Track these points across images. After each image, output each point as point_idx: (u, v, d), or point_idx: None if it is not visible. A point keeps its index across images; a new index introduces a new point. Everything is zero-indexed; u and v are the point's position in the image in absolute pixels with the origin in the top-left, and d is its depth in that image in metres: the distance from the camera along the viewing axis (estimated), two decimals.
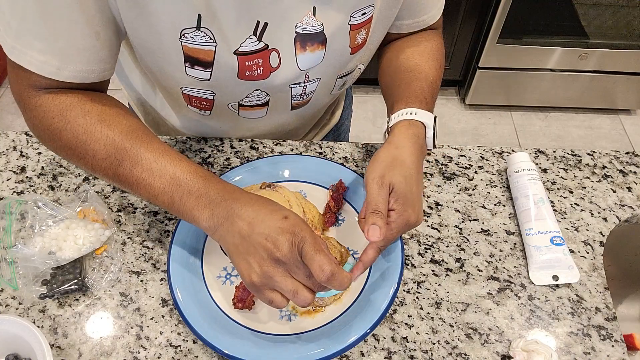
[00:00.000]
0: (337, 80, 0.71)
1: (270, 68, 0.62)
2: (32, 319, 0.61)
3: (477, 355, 0.59)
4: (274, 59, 0.61)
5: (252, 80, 0.63)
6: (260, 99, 0.68)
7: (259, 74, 0.62)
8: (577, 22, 1.87)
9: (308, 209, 0.66)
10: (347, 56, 0.66)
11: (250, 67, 0.61)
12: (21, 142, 0.81)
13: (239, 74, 0.61)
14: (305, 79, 0.66)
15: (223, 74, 0.61)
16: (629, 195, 0.74)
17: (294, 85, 0.67)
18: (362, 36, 0.64)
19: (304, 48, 0.61)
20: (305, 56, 0.62)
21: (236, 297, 0.60)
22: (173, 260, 0.62)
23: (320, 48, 0.62)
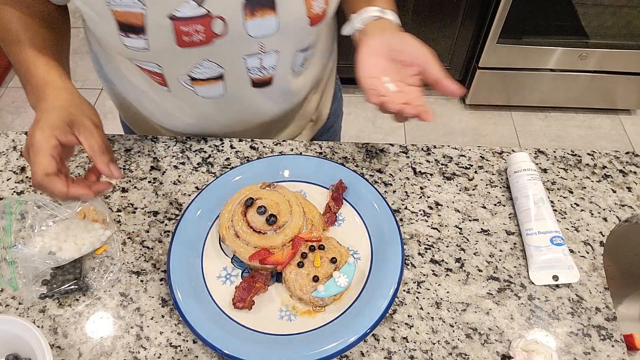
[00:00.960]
0: (298, 55, 0.70)
1: (214, 34, 0.60)
2: (32, 319, 0.61)
3: (477, 355, 0.59)
4: (217, 26, 0.59)
5: (194, 47, 0.61)
6: (212, 71, 0.66)
7: (201, 40, 0.60)
8: (577, 22, 1.87)
9: (308, 209, 0.66)
10: (305, 27, 0.64)
11: (188, 32, 0.59)
12: (21, 142, 0.81)
13: (178, 41, 0.60)
14: (260, 50, 0.64)
15: (161, 42, 0.60)
16: (629, 195, 0.74)
17: (248, 57, 0.65)
18: (320, 4, 0.62)
19: (252, 13, 0.59)
20: (254, 22, 0.60)
21: (236, 297, 0.60)
22: (173, 260, 0.62)
23: (270, 13, 0.60)
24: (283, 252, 0.61)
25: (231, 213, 0.64)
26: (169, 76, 0.68)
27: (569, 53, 1.93)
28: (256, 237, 0.61)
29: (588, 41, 1.90)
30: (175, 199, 0.73)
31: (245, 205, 0.63)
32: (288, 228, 0.62)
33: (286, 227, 0.62)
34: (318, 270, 0.60)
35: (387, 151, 0.79)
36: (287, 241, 0.61)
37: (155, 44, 0.60)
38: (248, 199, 0.63)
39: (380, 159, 0.78)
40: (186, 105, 0.75)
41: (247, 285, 0.61)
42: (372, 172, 0.76)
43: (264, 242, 0.61)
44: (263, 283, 0.61)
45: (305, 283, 0.60)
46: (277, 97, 0.77)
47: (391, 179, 0.75)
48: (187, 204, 0.71)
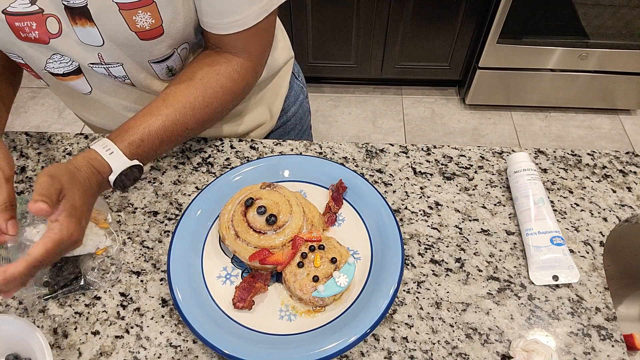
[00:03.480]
0: (154, 66, 0.69)
1: (49, 34, 0.61)
2: (32, 319, 0.61)
3: (477, 355, 0.59)
4: (52, 25, 0.60)
5: (32, 42, 0.62)
6: (67, 65, 0.66)
7: (36, 37, 0.61)
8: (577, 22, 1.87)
9: (308, 209, 0.66)
10: (136, 41, 0.62)
11: (22, 28, 0.60)
12: (21, 142, 0.81)
13: (17, 35, 0.61)
14: (101, 60, 0.64)
15: (2, 34, 0.61)
16: (629, 195, 0.74)
17: (93, 65, 0.65)
18: (146, 20, 0.60)
19: (75, 21, 0.60)
20: (80, 30, 0.60)
21: (236, 297, 0.60)
22: (173, 260, 0.62)
23: (90, 24, 0.60)
24: (283, 252, 0.61)
25: (231, 213, 0.64)
26: (34, 68, 0.68)
27: (569, 53, 1.93)
28: (256, 237, 0.61)
29: (588, 41, 1.90)
30: (175, 199, 0.73)
31: (245, 205, 0.63)
32: (288, 228, 0.62)
33: (286, 227, 0.62)
34: (318, 270, 0.60)
35: (387, 151, 0.79)
36: (287, 241, 0.61)
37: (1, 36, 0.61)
38: (248, 199, 0.63)
39: (380, 159, 0.78)
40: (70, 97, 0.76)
41: (247, 285, 0.61)
42: (372, 172, 0.76)
43: (264, 242, 0.61)
44: (263, 283, 0.61)
45: (305, 283, 0.60)
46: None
47: (391, 179, 0.75)
48: (187, 204, 0.71)
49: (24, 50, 0.64)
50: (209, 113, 0.67)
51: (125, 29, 0.61)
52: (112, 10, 0.59)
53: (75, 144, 0.80)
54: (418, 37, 1.98)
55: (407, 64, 2.11)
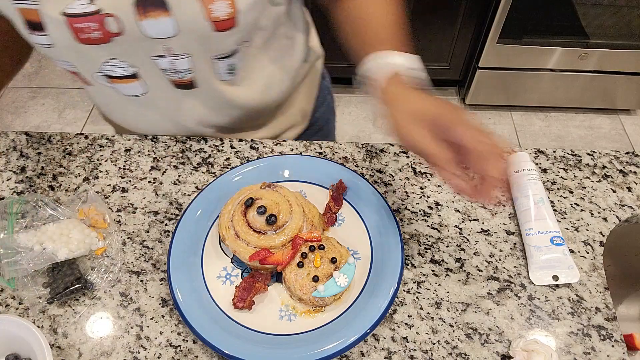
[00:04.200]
0: (217, 63, 0.68)
1: (110, 33, 0.60)
2: (32, 319, 0.61)
3: (477, 355, 0.59)
4: (111, 24, 0.60)
5: (94, 44, 0.61)
6: (124, 69, 0.66)
7: (98, 38, 0.61)
8: (577, 22, 1.86)
9: (308, 209, 0.66)
10: (209, 32, 0.61)
11: (82, 29, 0.59)
12: (21, 142, 0.81)
13: (76, 37, 0.60)
14: (168, 52, 0.64)
15: (61, 38, 0.60)
16: (629, 195, 0.74)
17: (157, 58, 0.65)
18: (222, 9, 0.60)
19: (144, 14, 0.59)
20: (149, 22, 0.60)
21: (236, 297, 0.60)
22: (173, 260, 0.62)
23: (164, 14, 0.59)
24: (283, 252, 0.61)
25: (231, 213, 0.64)
26: (85, 74, 0.68)
27: (569, 53, 1.93)
28: (256, 237, 0.61)
29: (588, 41, 1.90)
30: (175, 199, 0.73)
31: (245, 205, 0.63)
32: (288, 228, 0.62)
33: (286, 227, 0.62)
34: (318, 270, 0.60)
35: (387, 151, 0.79)
36: (287, 241, 0.61)
37: (57, 40, 0.61)
38: (248, 199, 0.63)
39: (380, 159, 0.78)
40: (113, 103, 0.75)
41: (247, 285, 0.61)
42: (372, 172, 0.76)
43: (264, 242, 0.61)
44: (263, 283, 0.61)
45: (305, 283, 0.60)
46: (210, 103, 0.75)
47: (391, 179, 0.75)
48: (187, 204, 0.71)
49: (80, 53, 0.63)
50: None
51: (201, 19, 0.60)
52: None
53: (76, 144, 0.80)
54: (418, 37, 1.98)
55: None
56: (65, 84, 2.36)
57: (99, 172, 0.76)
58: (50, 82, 2.37)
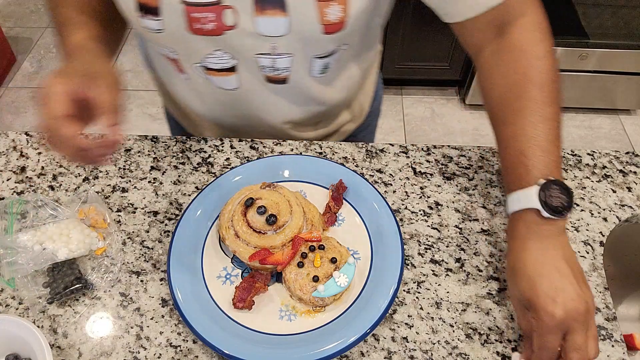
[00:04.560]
0: (314, 61, 0.69)
1: (224, 26, 0.61)
2: (32, 319, 0.61)
3: (477, 355, 0.59)
4: (228, 17, 0.60)
5: (204, 35, 0.62)
6: (225, 62, 0.67)
7: (211, 29, 0.61)
8: (577, 22, 1.87)
9: (308, 209, 0.66)
10: (318, 34, 0.62)
11: (199, 19, 0.60)
12: (21, 142, 0.81)
13: (189, 27, 0.61)
14: (272, 50, 0.65)
15: (173, 25, 0.61)
16: (629, 195, 0.74)
17: (260, 56, 0.65)
18: (335, 12, 0.60)
19: (262, 11, 0.59)
20: (264, 20, 0.60)
21: (236, 297, 0.60)
22: (173, 260, 0.62)
23: (281, 14, 0.60)
24: (283, 252, 0.61)
25: (231, 213, 0.64)
26: (184, 63, 0.69)
27: (569, 53, 1.93)
28: (256, 237, 0.61)
29: (588, 41, 1.90)
30: (175, 199, 0.73)
31: (245, 205, 0.63)
32: (288, 228, 0.62)
33: (286, 227, 0.62)
34: (318, 270, 0.60)
35: (387, 151, 0.79)
36: (287, 241, 0.61)
37: (168, 27, 0.61)
38: (248, 199, 0.63)
39: (380, 159, 0.78)
40: (204, 94, 0.76)
41: (247, 285, 0.61)
42: (372, 172, 0.76)
43: (264, 242, 0.61)
44: (263, 283, 0.61)
45: (305, 283, 0.60)
46: (295, 98, 0.76)
47: (391, 179, 0.75)
48: (187, 204, 0.71)
49: (187, 42, 0.64)
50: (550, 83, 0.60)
51: (314, 21, 0.60)
52: (309, 1, 0.59)
53: None
54: (418, 37, 1.98)
55: (407, 64, 2.11)
56: None
57: (99, 172, 0.76)
58: None
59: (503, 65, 0.61)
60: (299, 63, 0.68)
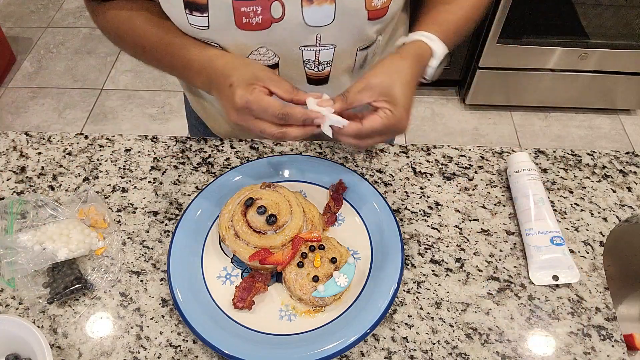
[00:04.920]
0: (358, 54, 0.69)
1: (272, 18, 0.61)
2: (32, 319, 0.61)
3: (477, 355, 0.59)
4: (276, 9, 0.60)
5: (251, 30, 0.62)
6: (268, 59, 0.67)
7: (258, 23, 0.61)
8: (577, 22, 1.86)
9: (308, 209, 0.66)
10: (363, 20, 0.63)
11: (247, 13, 0.60)
12: (21, 142, 0.81)
13: (236, 21, 0.61)
14: (317, 42, 0.65)
15: (221, 21, 0.61)
16: (629, 195, 0.74)
17: (305, 48, 0.65)
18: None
19: (310, 0, 0.60)
20: (311, 10, 0.60)
21: (236, 297, 0.60)
22: (173, 260, 0.62)
23: (329, 2, 0.60)
24: (283, 252, 0.61)
25: (231, 213, 0.64)
26: None
27: (569, 53, 1.93)
28: (256, 237, 0.61)
29: (588, 41, 1.90)
30: (175, 199, 0.73)
31: (245, 205, 0.63)
32: (288, 228, 0.62)
33: (286, 227, 0.62)
34: (318, 270, 0.60)
35: (387, 151, 0.79)
36: (287, 241, 0.61)
37: (215, 23, 0.61)
38: (248, 199, 0.63)
39: (380, 159, 0.78)
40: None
41: (247, 285, 0.61)
42: (372, 172, 0.76)
43: (264, 242, 0.61)
44: (263, 283, 0.61)
45: (305, 283, 0.60)
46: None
47: (391, 179, 0.75)
48: (187, 204, 0.71)
49: (233, 38, 0.64)
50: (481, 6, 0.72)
51: (362, 6, 0.61)
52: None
53: (76, 143, 0.80)
54: None
55: None
56: (65, 84, 2.36)
57: (99, 172, 0.76)
58: (50, 82, 2.37)
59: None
60: (341, 56, 0.68)
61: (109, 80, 2.38)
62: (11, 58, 2.43)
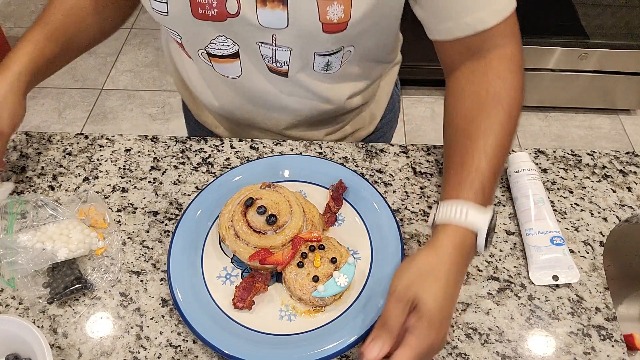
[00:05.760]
0: (317, 58, 0.68)
1: (227, 13, 0.62)
2: (32, 319, 0.61)
3: (477, 355, 0.59)
4: (231, 5, 0.61)
5: (207, 20, 0.63)
6: (228, 48, 0.67)
7: (214, 15, 0.62)
8: (577, 22, 1.86)
9: (308, 209, 0.66)
10: (318, 32, 0.62)
11: (202, 4, 0.61)
12: (21, 142, 0.81)
13: (193, 11, 0.62)
14: (273, 41, 0.65)
15: (178, 9, 0.62)
16: (629, 195, 0.74)
17: (262, 44, 0.66)
18: (337, 13, 0.60)
19: (264, 2, 0.60)
20: (265, 12, 0.61)
21: (236, 297, 0.60)
22: (173, 260, 0.62)
23: (281, 7, 0.60)
24: (283, 252, 0.61)
25: (231, 213, 0.64)
26: (188, 48, 0.70)
27: (569, 53, 1.93)
28: (256, 237, 0.61)
29: (588, 41, 1.90)
30: (175, 199, 0.73)
31: (245, 206, 0.63)
32: (288, 228, 0.62)
33: (286, 227, 0.62)
34: (318, 270, 0.60)
35: (387, 151, 0.79)
36: (287, 241, 0.61)
37: (173, 10, 0.63)
38: (248, 199, 0.63)
39: (380, 159, 0.78)
40: (210, 82, 0.77)
41: (247, 285, 0.61)
42: (372, 172, 0.76)
43: (264, 242, 0.61)
44: (263, 283, 0.61)
45: (305, 283, 0.60)
46: (298, 93, 0.75)
47: (391, 179, 0.75)
48: (187, 204, 0.71)
49: (192, 27, 0.65)
50: (514, 120, 0.60)
51: (314, 18, 0.60)
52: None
53: (76, 144, 0.80)
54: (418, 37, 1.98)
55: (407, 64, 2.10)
56: (65, 84, 2.36)
57: (99, 172, 0.76)
58: (50, 82, 2.37)
59: (476, 84, 0.61)
60: (298, 58, 0.68)
61: (109, 80, 2.38)
62: None
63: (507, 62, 0.62)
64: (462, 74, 0.64)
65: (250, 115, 0.81)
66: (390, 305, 0.50)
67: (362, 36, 0.67)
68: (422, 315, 0.48)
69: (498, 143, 0.57)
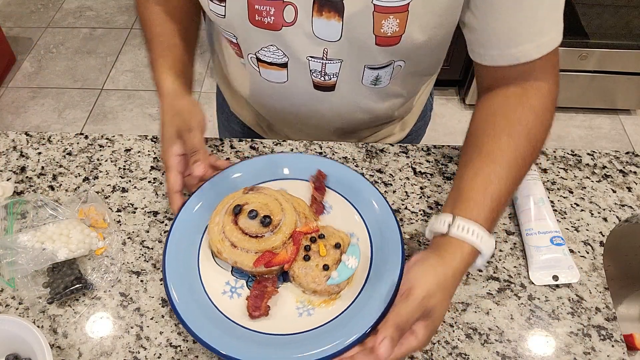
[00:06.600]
0: (366, 71, 0.69)
1: (283, 21, 0.62)
2: (32, 319, 0.61)
3: (477, 355, 0.59)
4: (288, 13, 0.61)
5: (263, 28, 0.63)
6: (278, 57, 0.68)
7: (270, 23, 0.63)
8: (577, 22, 1.86)
9: (297, 203, 0.65)
10: (371, 44, 0.62)
11: (259, 11, 0.61)
12: (21, 142, 0.81)
13: (250, 17, 0.63)
14: (324, 55, 0.65)
15: (235, 13, 0.63)
16: (629, 195, 0.74)
17: (312, 59, 0.66)
18: (391, 26, 0.60)
19: (320, 12, 0.60)
20: (320, 22, 0.61)
21: (250, 306, 0.58)
22: (169, 260, 0.61)
23: (336, 18, 0.60)
24: (287, 250, 0.60)
25: (220, 225, 0.62)
26: (243, 49, 0.71)
27: (569, 53, 1.93)
28: (255, 242, 0.60)
29: (588, 41, 1.90)
30: None
31: (234, 214, 0.62)
32: (284, 226, 0.61)
33: (282, 225, 0.61)
34: (325, 258, 0.60)
35: (387, 151, 0.79)
36: (286, 238, 0.61)
37: (230, 14, 0.64)
38: (235, 206, 0.62)
39: (380, 159, 0.78)
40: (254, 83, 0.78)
41: (259, 292, 0.59)
42: (372, 172, 0.76)
43: (264, 245, 0.60)
44: (273, 286, 0.61)
45: (316, 274, 0.59)
46: (341, 106, 0.76)
47: (391, 179, 0.75)
48: None
49: (247, 32, 0.66)
50: (535, 158, 0.61)
51: (369, 31, 0.61)
52: (367, 10, 0.59)
53: (75, 144, 0.80)
54: None
55: None
56: (65, 84, 2.37)
57: (99, 172, 0.76)
58: (50, 82, 2.37)
59: (510, 112, 0.61)
60: (348, 70, 0.68)
61: (109, 80, 2.38)
62: (11, 58, 2.43)
63: (543, 98, 0.62)
64: (497, 96, 0.64)
65: (284, 118, 0.82)
66: (410, 309, 0.51)
67: (414, 51, 0.66)
68: (431, 324, 0.52)
69: (519, 177, 0.59)
